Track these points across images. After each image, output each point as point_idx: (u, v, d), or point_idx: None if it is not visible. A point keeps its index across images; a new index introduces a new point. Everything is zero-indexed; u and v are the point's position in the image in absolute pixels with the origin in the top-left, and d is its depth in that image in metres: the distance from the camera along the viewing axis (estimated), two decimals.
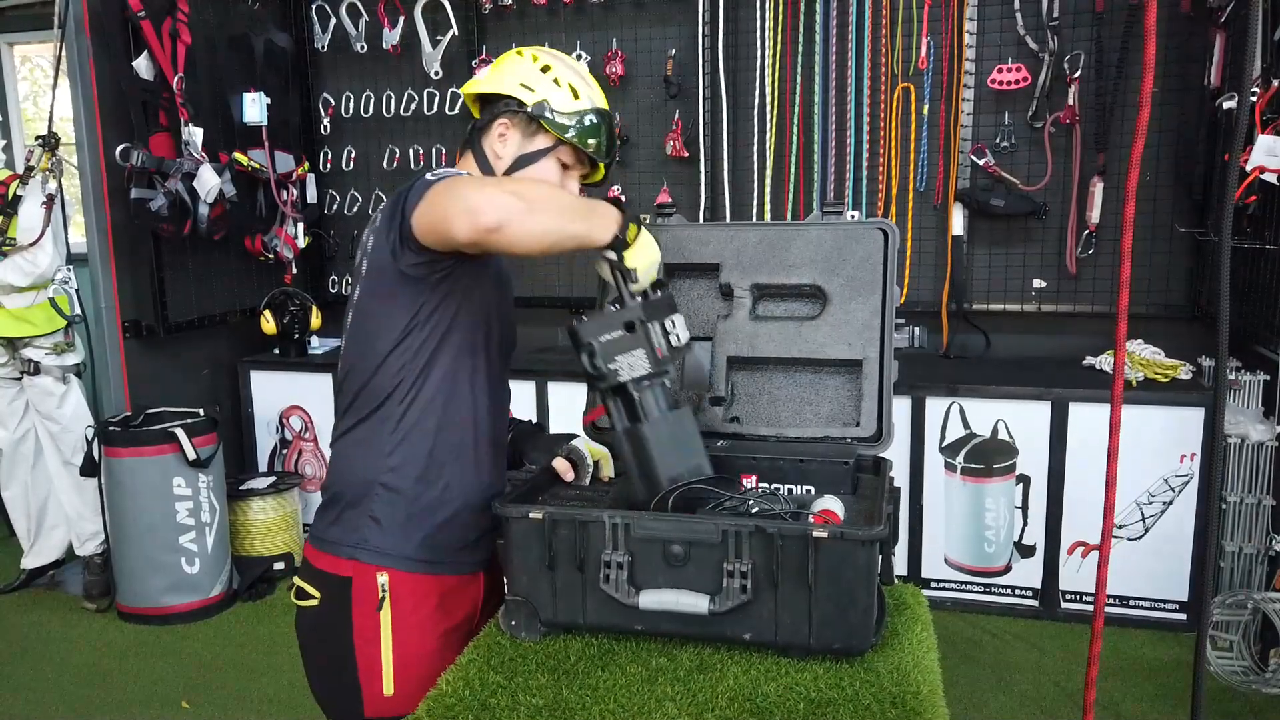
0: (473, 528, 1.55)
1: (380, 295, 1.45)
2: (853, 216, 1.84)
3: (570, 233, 1.37)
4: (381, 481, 1.48)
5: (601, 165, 1.61)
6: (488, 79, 1.58)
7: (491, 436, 1.58)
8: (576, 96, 1.56)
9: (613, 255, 1.42)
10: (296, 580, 1.55)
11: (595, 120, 1.57)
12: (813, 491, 1.61)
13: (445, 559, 1.53)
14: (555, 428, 2.13)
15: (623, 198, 1.54)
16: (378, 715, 1.48)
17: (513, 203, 1.28)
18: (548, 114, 1.53)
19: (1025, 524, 3.48)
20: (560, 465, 1.64)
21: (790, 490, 1.62)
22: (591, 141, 1.56)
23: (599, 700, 1.27)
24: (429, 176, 1.41)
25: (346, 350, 1.53)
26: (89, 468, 3.61)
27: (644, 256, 1.45)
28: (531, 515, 1.39)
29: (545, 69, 1.56)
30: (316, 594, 1.51)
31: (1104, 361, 3.64)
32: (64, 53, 3.56)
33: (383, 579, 1.47)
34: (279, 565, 3.96)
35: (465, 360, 1.49)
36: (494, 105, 1.56)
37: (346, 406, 1.53)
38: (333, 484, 1.54)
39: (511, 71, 1.56)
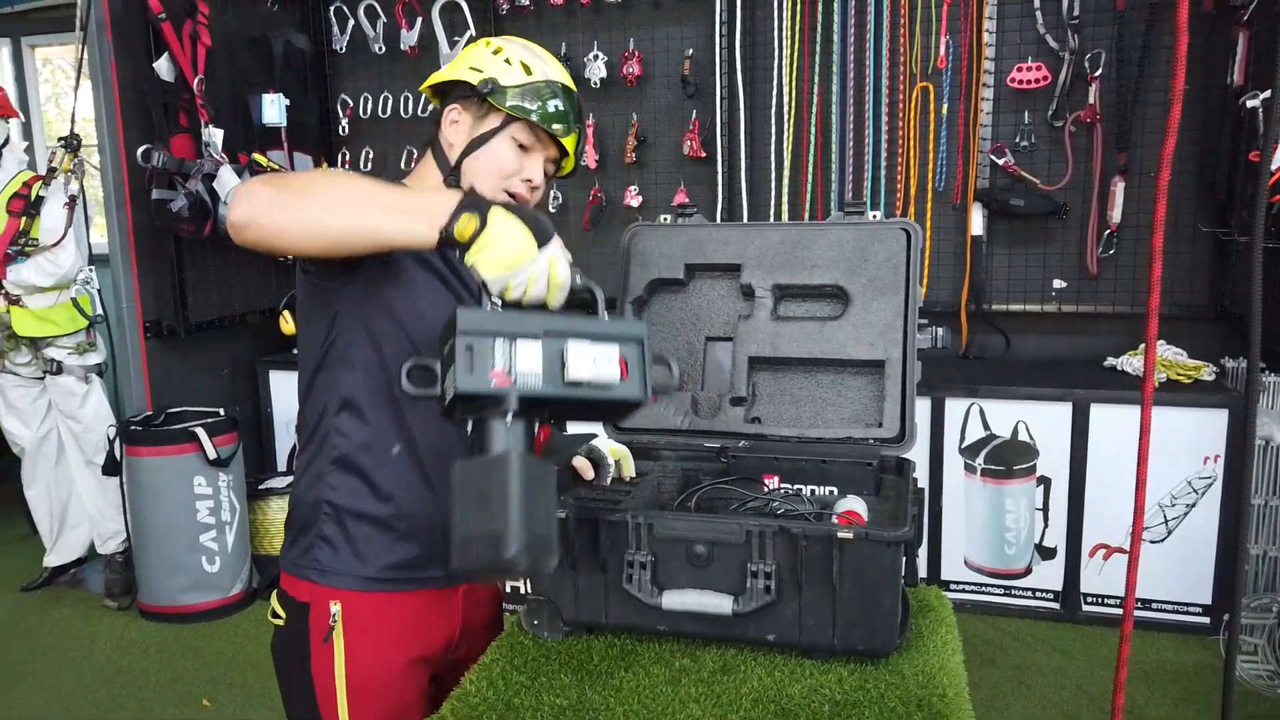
0: (439, 541, 1.38)
1: (304, 313, 1.43)
2: (874, 216, 1.83)
3: (360, 227, 1.14)
4: (327, 500, 1.42)
5: (570, 144, 1.48)
6: (443, 70, 1.52)
7: (451, 443, 1.43)
8: (529, 72, 1.46)
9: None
10: (272, 598, 1.51)
11: (546, 90, 1.45)
12: (835, 493, 1.60)
13: (408, 576, 1.45)
14: (572, 429, 2.13)
15: (467, 187, 1.34)
16: None
17: (267, 194, 1.12)
18: (495, 90, 1.43)
19: (1046, 526, 3.46)
20: (580, 463, 1.63)
21: (813, 491, 1.61)
22: (543, 110, 1.44)
23: (623, 701, 1.27)
24: None
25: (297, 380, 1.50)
26: (110, 467, 3.64)
27: (492, 257, 1.13)
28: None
29: (496, 51, 1.48)
30: (283, 615, 1.48)
31: (1126, 363, 3.61)
32: (85, 55, 3.59)
33: (335, 608, 1.41)
34: None
35: (395, 367, 1.33)
36: (448, 95, 1.50)
37: (298, 430, 1.50)
38: (291, 506, 1.50)
39: (464, 59, 1.50)
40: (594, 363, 1.14)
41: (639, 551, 1.36)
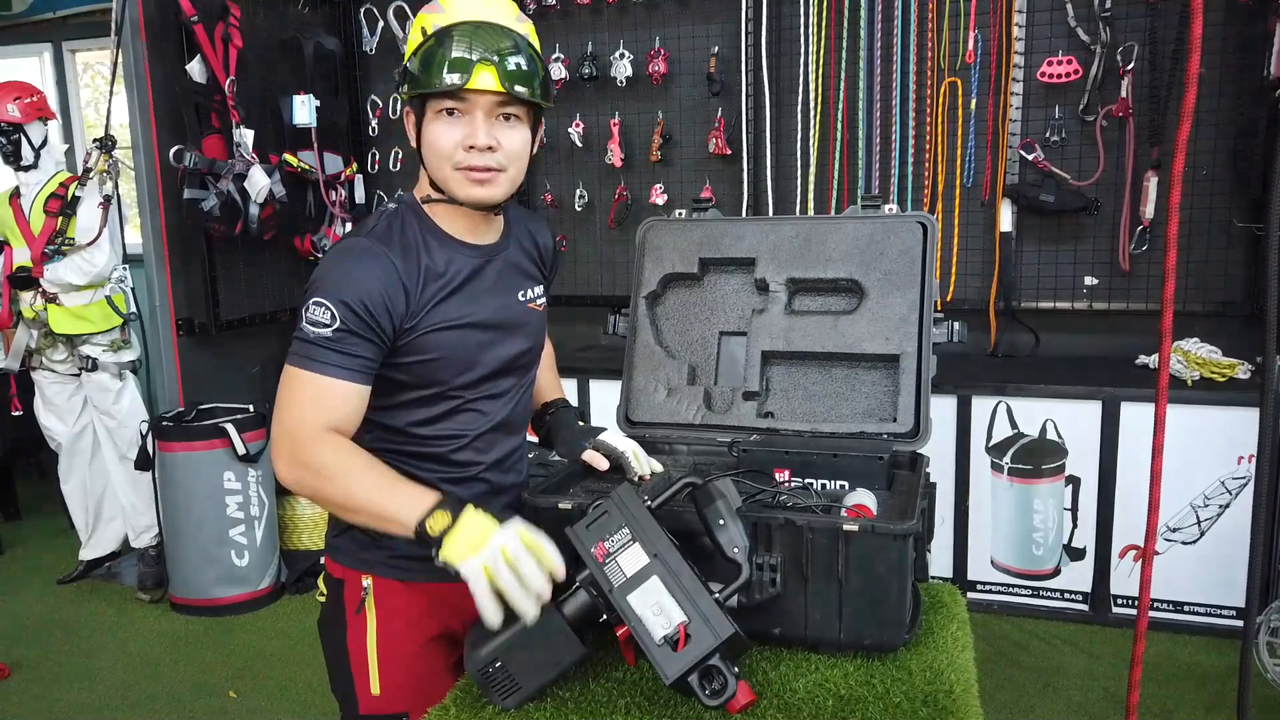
0: None
1: None
2: (891, 209, 1.82)
3: (363, 523, 1.35)
4: None
5: (493, 82, 1.28)
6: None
7: (478, 465, 1.51)
8: (425, 33, 1.32)
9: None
10: (319, 580, 1.61)
11: (437, 45, 1.28)
12: (846, 487, 1.59)
13: (423, 570, 1.41)
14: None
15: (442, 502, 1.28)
16: (370, 712, 1.50)
17: (298, 480, 1.33)
18: (402, 80, 1.34)
19: (1075, 526, 3.40)
20: (592, 457, 1.62)
21: (823, 485, 1.60)
22: (435, 72, 1.27)
23: (625, 693, 1.27)
24: (302, 326, 1.44)
25: None
26: (143, 462, 3.71)
27: (457, 548, 1.22)
28: (560, 506, 1.39)
29: (417, 21, 1.36)
30: (326, 592, 1.57)
31: (1158, 361, 3.54)
32: (120, 57, 3.66)
33: (366, 582, 1.50)
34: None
35: (416, 406, 1.45)
36: None
37: None
38: None
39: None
40: (654, 609, 1.17)
41: None
